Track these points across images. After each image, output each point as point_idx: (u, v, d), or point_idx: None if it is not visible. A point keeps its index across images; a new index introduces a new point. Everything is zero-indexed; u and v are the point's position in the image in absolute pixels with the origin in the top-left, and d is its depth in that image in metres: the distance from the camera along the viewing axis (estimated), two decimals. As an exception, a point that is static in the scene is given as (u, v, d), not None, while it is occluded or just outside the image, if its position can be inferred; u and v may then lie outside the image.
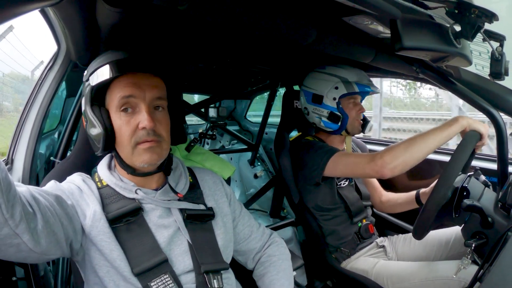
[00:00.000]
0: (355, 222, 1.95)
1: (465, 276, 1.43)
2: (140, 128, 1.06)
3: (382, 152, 1.64)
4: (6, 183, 0.76)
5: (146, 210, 1.14)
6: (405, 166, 1.61)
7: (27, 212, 0.84)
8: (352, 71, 1.91)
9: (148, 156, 1.08)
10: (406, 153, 1.59)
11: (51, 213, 0.93)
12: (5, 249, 0.82)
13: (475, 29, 0.97)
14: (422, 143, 1.59)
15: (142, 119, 1.06)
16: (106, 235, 1.05)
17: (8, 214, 0.77)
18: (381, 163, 1.61)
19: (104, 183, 1.15)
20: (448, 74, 1.52)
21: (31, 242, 0.84)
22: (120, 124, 1.07)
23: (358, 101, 1.97)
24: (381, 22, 1.14)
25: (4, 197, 0.75)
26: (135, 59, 1.07)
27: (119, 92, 1.07)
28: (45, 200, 0.94)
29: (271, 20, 1.10)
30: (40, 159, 1.71)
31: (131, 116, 1.08)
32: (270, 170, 3.38)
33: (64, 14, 1.18)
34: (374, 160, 1.64)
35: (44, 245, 0.89)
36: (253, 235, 1.41)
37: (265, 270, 1.36)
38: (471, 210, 1.28)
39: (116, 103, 1.07)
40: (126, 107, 1.07)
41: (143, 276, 1.04)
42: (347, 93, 1.89)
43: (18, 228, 0.80)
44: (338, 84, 1.90)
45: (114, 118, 1.08)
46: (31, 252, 0.86)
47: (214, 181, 1.35)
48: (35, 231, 0.85)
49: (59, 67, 1.60)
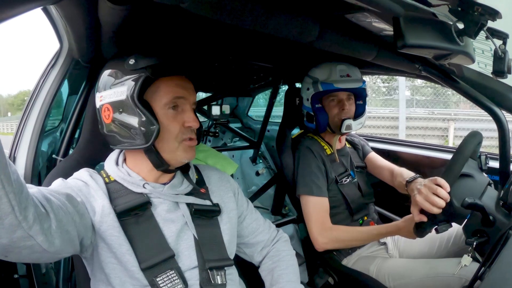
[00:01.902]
0: (356, 219, 1.95)
1: (466, 274, 1.43)
2: (186, 126, 1.14)
3: (333, 234, 1.79)
4: (18, 185, 0.75)
5: (155, 204, 1.14)
6: (336, 248, 1.86)
7: (40, 213, 0.83)
8: (326, 70, 1.93)
9: (191, 153, 1.17)
10: (345, 243, 1.82)
11: (64, 212, 0.93)
12: (18, 251, 0.82)
13: (478, 27, 0.97)
14: (361, 241, 1.82)
15: (190, 119, 1.14)
16: (115, 230, 1.05)
17: (21, 217, 0.76)
18: (322, 242, 1.79)
19: (111, 178, 1.16)
20: (450, 72, 1.51)
21: (45, 243, 0.84)
22: (167, 120, 1.11)
23: (341, 98, 1.95)
24: (384, 20, 1.14)
25: (16, 199, 0.74)
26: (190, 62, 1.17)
27: (170, 92, 1.12)
28: (57, 199, 0.94)
29: (273, 18, 1.09)
30: (42, 156, 1.71)
31: (177, 114, 1.13)
32: (272, 168, 3.38)
33: (66, 12, 1.18)
34: (321, 233, 1.80)
35: (58, 245, 0.89)
36: (260, 228, 1.42)
37: (273, 265, 1.37)
38: (472, 208, 1.28)
39: (165, 101, 1.11)
40: (175, 105, 1.13)
41: (150, 271, 1.05)
42: (314, 93, 1.93)
43: (32, 229, 0.80)
44: (309, 85, 1.96)
45: (160, 114, 1.10)
46: (45, 252, 0.86)
47: (219, 177, 1.36)
48: (49, 232, 0.85)
49: (61, 65, 1.61)
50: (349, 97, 1.96)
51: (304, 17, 1.16)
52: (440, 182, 1.38)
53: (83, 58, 1.50)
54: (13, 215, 0.75)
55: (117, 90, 1.08)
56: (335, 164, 2.00)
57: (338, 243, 1.81)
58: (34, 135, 1.57)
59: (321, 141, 2.04)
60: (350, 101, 1.96)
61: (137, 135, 1.08)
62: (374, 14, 1.12)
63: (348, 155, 2.11)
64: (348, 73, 1.91)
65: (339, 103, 1.94)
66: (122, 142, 1.12)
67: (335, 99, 1.94)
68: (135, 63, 1.06)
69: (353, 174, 2.05)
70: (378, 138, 3.00)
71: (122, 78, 1.07)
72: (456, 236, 1.78)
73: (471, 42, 1.15)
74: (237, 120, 3.70)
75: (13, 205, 0.74)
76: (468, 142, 1.47)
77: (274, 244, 1.44)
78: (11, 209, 0.74)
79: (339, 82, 1.88)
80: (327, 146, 2.02)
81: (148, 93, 1.10)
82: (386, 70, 2.07)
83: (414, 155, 2.54)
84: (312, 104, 1.96)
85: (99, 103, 1.14)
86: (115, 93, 1.08)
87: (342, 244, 1.82)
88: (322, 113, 1.95)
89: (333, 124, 1.96)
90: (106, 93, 1.11)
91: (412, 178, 1.73)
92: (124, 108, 1.07)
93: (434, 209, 1.36)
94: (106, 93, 1.11)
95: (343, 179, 1.98)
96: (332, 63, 1.93)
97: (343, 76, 1.89)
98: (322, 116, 1.95)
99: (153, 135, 1.07)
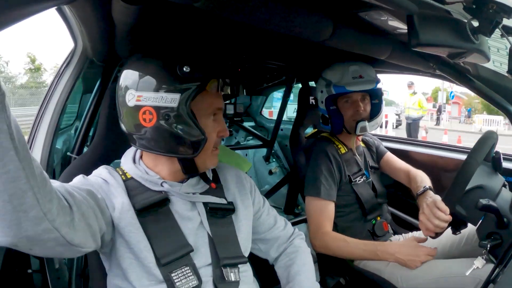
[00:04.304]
0: (369, 219, 1.94)
1: (479, 275, 1.41)
2: (220, 136, 1.18)
3: (323, 239, 1.80)
4: (42, 179, 0.78)
5: (173, 201, 1.15)
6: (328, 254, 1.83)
7: (64, 206, 0.85)
8: (338, 71, 1.91)
9: (216, 160, 1.21)
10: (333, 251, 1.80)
11: (86, 206, 0.95)
12: (43, 244, 0.83)
13: (493, 24, 0.95)
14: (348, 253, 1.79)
15: (224, 128, 1.18)
16: (134, 226, 1.06)
17: (46, 209, 0.78)
18: (315, 245, 1.83)
19: (128, 176, 1.16)
20: (465, 71, 1.49)
21: (69, 235, 0.85)
22: (208, 130, 1.11)
23: (355, 99, 1.92)
24: (398, 18, 1.13)
25: (41, 192, 0.76)
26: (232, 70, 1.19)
27: (214, 103, 1.14)
28: (79, 194, 0.95)
29: (286, 16, 1.09)
30: (56, 154, 1.74)
31: (214, 123, 1.15)
32: (285, 167, 3.38)
33: (80, 12, 1.20)
34: (315, 237, 1.83)
35: (82, 238, 0.90)
36: (277, 224, 1.42)
37: (290, 261, 1.38)
38: (486, 210, 1.27)
39: (210, 111, 1.13)
40: (213, 114, 1.15)
41: (166, 267, 1.06)
42: (328, 96, 1.92)
43: (56, 222, 0.81)
44: (323, 87, 1.95)
45: (203, 123, 1.10)
46: (68, 245, 0.87)
47: (236, 175, 1.37)
48: (72, 224, 0.87)
49: (76, 64, 1.63)
50: (364, 97, 1.94)
51: (318, 15, 1.15)
52: (440, 206, 1.47)
53: (97, 57, 1.52)
54: (38, 207, 0.76)
55: (167, 96, 1.03)
56: (349, 163, 1.98)
57: (326, 250, 1.82)
58: (49, 132, 1.59)
59: (336, 140, 2.03)
60: (365, 101, 1.94)
61: (183, 144, 1.07)
62: (388, 12, 1.11)
63: (363, 154, 2.10)
64: (361, 74, 1.87)
65: (354, 104, 1.92)
66: (157, 148, 1.10)
67: (349, 100, 1.92)
68: (191, 72, 1.04)
69: (367, 174, 2.04)
70: (391, 137, 2.97)
71: (174, 85, 1.04)
72: (469, 236, 1.76)
73: (486, 40, 1.13)
74: (250, 118, 3.71)
75: (38, 198, 0.76)
76: (479, 148, 1.45)
77: (291, 240, 1.44)
78: (36, 202, 0.76)
79: (352, 85, 1.86)
80: (342, 145, 2.01)
81: (193, 102, 1.07)
82: (400, 68, 2.05)
83: (428, 155, 2.52)
84: (326, 106, 1.95)
85: (135, 102, 1.06)
86: (163, 99, 1.03)
87: (330, 252, 1.81)
88: (337, 115, 1.94)
89: (348, 126, 1.94)
90: (149, 95, 1.04)
91: (422, 191, 1.74)
92: (173, 116, 1.04)
93: (437, 229, 1.47)
94: (149, 95, 1.04)
95: (357, 179, 1.97)
96: (345, 64, 1.91)
97: (356, 78, 1.87)
98: (337, 118, 1.94)
99: (200, 145, 1.07)
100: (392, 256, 1.66)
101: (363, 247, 1.75)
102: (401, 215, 2.43)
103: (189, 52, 1.10)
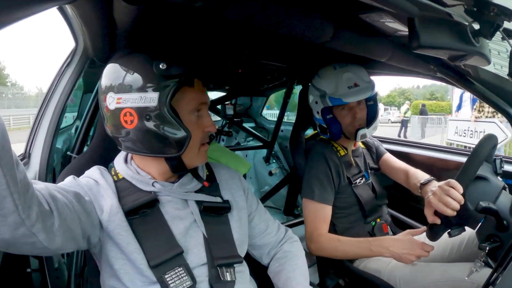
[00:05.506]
0: (368, 221, 1.94)
1: (478, 279, 1.40)
2: (206, 131, 1.15)
3: (319, 241, 1.81)
4: (24, 184, 0.77)
5: (163, 202, 1.15)
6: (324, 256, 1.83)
7: (44, 211, 0.85)
8: (331, 81, 1.87)
9: (205, 157, 1.19)
10: (329, 253, 1.80)
11: (69, 210, 0.94)
12: (20, 246, 0.83)
13: (494, 27, 0.95)
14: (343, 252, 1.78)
15: (209, 124, 1.15)
16: (123, 229, 1.06)
17: (24, 215, 0.78)
18: (310, 247, 1.83)
19: (120, 176, 1.16)
20: (466, 74, 1.49)
21: (46, 240, 0.85)
22: (192, 127, 1.09)
23: (351, 106, 1.90)
24: (399, 20, 1.13)
25: (21, 198, 0.76)
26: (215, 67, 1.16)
27: (195, 98, 1.12)
28: (63, 197, 0.95)
29: (287, 18, 1.09)
30: (57, 153, 1.74)
31: (198, 119, 1.14)
32: (285, 168, 3.38)
33: (81, 11, 1.20)
34: (310, 239, 1.84)
35: (60, 243, 0.90)
36: (268, 229, 1.41)
37: (280, 267, 1.36)
38: (486, 213, 1.27)
39: (191, 107, 1.11)
40: (197, 110, 1.13)
41: (159, 268, 1.05)
42: (323, 107, 1.90)
43: (34, 227, 0.81)
44: (317, 98, 1.92)
45: (186, 121, 1.08)
46: (46, 249, 0.87)
47: (231, 175, 1.36)
48: (51, 230, 0.86)
49: (77, 64, 1.63)
50: (359, 102, 1.91)
51: (318, 17, 1.15)
52: (453, 184, 1.39)
53: (98, 57, 1.52)
54: (17, 213, 0.76)
55: (145, 95, 1.01)
56: (348, 165, 1.98)
57: (322, 252, 1.82)
58: (49, 132, 1.59)
59: (334, 143, 2.03)
60: (361, 106, 1.92)
61: (167, 143, 1.05)
62: (389, 14, 1.11)
63: (362, 155, 2.09)
64: (356, 82, 1.84)
65: (351, 111, 1.90)
66: (142, 149, 1.08)
67: (345, 107, 1.90)
68: (168, 69, 1.01)
69: (367, 175, 2.04)
70: (391, 139, 2.96)
71: (152, 83, 1.01)
72: (469, 240, 1.75)
73: (486, 43, 1.13)
74: (250, 119, 3.71)
75: (17, 204, 0.75)
76: (484, 145, 1.45)
77: (281, 245, 1.42)
78: (15, 208, 0.76)
79: (348, 96, 1.82)
80: (341, 147, 2.01)
81: (174, 99, 1.06)
82: (400, 70, 2.05)
83: (427, 157, 2.51)
84: (323, 116, 1.94)
85: (115, 105, 1.04)
86: (142, 99, 1.01)
87: (326, 253, 1.81)
88: (335, 123, 1.93)
89: (347, 132, 1.94)
90: (128, 96, 1.02)
91: (427, 181, 1.71)
92: (154, 116, 1.02)
93: (448, 210, 1.37)
94: (128, 96, 1.02)
95: (357, 180, 1.97)
96: (336, 71, 1.88)
97: (351, 87, 1.83)
98: (335, 126, 1.93)
99: (185, 144, 1.06)
100: (386, 250, 1.66)
101: (357, 244, 1.75)
102: (401, 217, 2.43)
103: (164, 49, 1.08)
